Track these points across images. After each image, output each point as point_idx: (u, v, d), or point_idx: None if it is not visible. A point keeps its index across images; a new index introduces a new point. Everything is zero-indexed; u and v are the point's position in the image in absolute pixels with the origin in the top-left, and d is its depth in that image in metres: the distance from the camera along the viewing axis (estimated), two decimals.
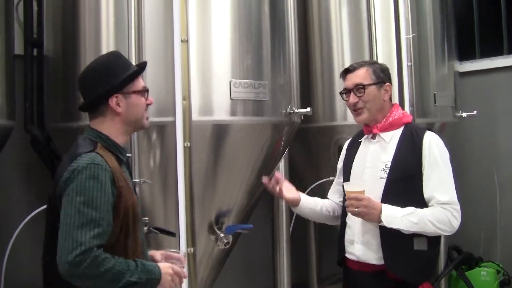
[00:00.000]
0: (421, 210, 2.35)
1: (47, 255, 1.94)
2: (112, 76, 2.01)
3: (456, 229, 2.40)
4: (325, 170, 3.94)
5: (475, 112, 4.44)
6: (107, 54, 2.21)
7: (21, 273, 3.23)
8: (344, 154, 2.72)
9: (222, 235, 3.10)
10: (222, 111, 2.99)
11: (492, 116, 4.91)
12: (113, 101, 2.00)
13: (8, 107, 3.20)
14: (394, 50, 3.81)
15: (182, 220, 2.88)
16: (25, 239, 3.11)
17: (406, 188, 2.40)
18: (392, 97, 2.63)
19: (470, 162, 4.92)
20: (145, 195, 2.97)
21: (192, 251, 2.94)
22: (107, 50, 2.84)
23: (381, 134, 2.51)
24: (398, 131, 2.50)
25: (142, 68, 2.14)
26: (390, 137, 2.49)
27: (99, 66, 2.07)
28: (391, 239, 2.38)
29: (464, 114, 4.41)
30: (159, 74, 2.89)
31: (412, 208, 2.34)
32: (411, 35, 3.87)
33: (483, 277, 4.48)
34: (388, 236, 2.38)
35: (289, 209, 3.97)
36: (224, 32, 3.03)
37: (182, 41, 2.87)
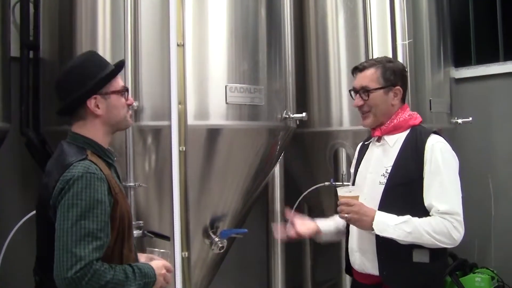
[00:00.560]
0: (418, 219, 2.18)
1: (40, 271, 1.89)
2: (89, 77, 1.93)
3: (458, 242, 2.21)
4: (321, 175, 3.94)
5: (471, 119, 4.44)
6: (83, 55, 2.10)
7: (17, 274, 3.22)
8: (356, 158, 2.59)
9: (217, 240, 3.10)
10: (218, 116, 2.99)
11: (488, 123, 4.92)
12: (92, 103, 1.92)
13: (4, 110, 3.19)
14: (390, 56, 3.80)
15: (177, 224, 2.87)
16: (20, 242, 3.09)
17: (406, 196, 2.24)
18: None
19: (465, 169, 4.87)
20: (140, 199, 2.97)
21: (187, 255, 2.94)
22: (104, 54, 2.83)
23: (386, 137, 2.37)
24: (403, 134, 2.35)
25: (120, 67, 2.05)
26: (394, 141, 2.35)
27: (75, 68, 1.98)
28: (388, 249, 2.23)
29: (460, 121, 4.41)
30: (155, 78, 2.89)
31: (407, 217, 2.19)
32: (407, 41, 3.88)
33: (478, 283, 4.48)
34: (385, 246, 2.23)
35: (284, 214, 3.98)
36: (221, 37, 3.04)
37: (178, 45, 2.87)
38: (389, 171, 2.29)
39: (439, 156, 2.24)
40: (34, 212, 2.02)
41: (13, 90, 3.41)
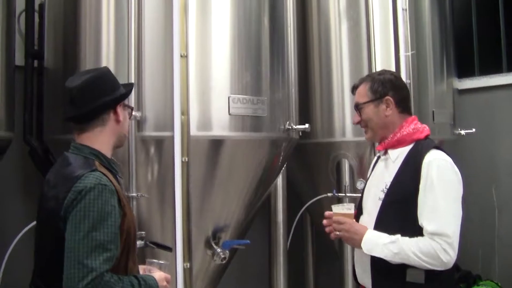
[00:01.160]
0: (406, 239, 2.10)
1: (42, 283, 1.87)
2: (117, 85, 2.00)
3: (450, 265, 2.11)
4: (323, 186, 3.94)
5: (474, 130, 4.44)
6: (100, 68, 2.15)
7: (19, 284, 3.22)
8: (370, 170, 2.55)
9: (219, 250, 3.09)
10: (221, 127, 2.99)
11: (491, 134, 4.91)
12: (119, 109, 1.99)
13: (8, 118, 3.20)
14: (393, 67, 3.81)
15: (179, 235, 2.86)
16: (22, 251, 3.09)
17: (401, 213, 2.18)
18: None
19: (469, 180, 4.87)
20: (143, 209, 2.96)
21: (189, 266, 2.93)
22: (107, 64, 2.86)
23: (389, 152, 2.33)
24: (406, 149, 2.28)
25: (132, 86, 2.17)
26: (397, 155, 2.29)
27: (102, 75, 2.00)
28: (382, 266, 2.17)
29: (463, 132, 4.40)
30: (158, 89, 2.90)
31: (397, 236, 2.12)
32: (410, 53, 3.88)
33: None
34: (379, 262, 2.18)
35: (287, 224, 3.98)
36: (224, 48, 3.04)
37: (182, 56, 2.88)
38: (388, 187, 2.24)
39: (435, 173, 2.14)
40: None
41: (17, 99, 3.43)
